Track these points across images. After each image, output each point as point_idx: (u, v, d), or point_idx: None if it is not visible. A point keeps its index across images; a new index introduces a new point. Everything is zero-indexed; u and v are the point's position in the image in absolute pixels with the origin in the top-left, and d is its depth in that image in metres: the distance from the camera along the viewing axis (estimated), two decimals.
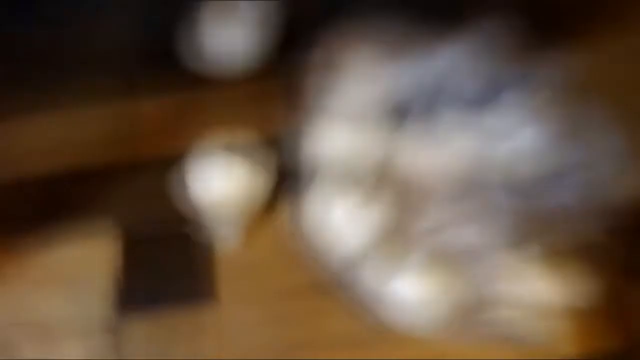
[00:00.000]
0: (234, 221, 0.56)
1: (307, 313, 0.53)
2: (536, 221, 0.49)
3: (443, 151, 0.53)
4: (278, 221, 0.58)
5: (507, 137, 0.52)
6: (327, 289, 0.54)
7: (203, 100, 0.65)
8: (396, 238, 0.51)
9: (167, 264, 0.56)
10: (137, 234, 0.57)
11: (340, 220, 0.52)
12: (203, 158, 0.57)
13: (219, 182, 0.55)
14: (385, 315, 0.51)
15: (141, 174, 0.61)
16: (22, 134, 0.63)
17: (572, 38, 0.64)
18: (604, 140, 0.50)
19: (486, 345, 0.49)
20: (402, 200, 0.52)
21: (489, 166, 0.52)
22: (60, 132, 0.63)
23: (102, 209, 0.59)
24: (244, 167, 0.56)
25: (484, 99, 0.53)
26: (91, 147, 0.62)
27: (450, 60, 0.54)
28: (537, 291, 0.49)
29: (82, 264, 0.55)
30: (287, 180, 0.58)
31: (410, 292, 0.50)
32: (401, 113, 0.55)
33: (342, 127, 0.56)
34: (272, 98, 0.65)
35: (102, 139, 0.63)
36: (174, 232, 0.57)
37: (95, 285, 0.54)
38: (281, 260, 0.56)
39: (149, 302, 0.54)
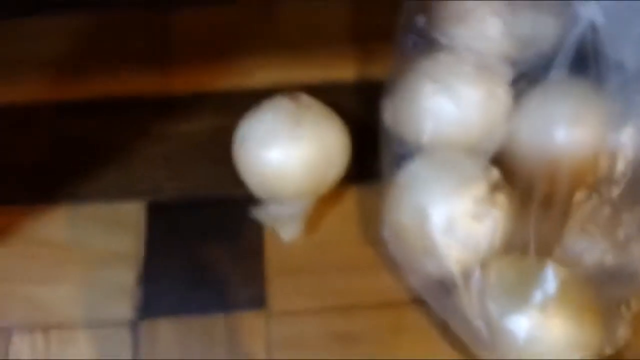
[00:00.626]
0: (300, 200, 0.42)
1: (377, 331, 0.40)
2: None
3: (596, 134, 0.37)
4: (351, 206, 0.44)
5: None
6: (407, 305, 0.40)
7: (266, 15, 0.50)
8: (522, 253, 0.36)
9: (203, 251, 0.43)
10: (168, 208, 0.45)
11: (443, 221, 0.36)
12: (261, 109, 0.42)
13: (282, 145, 0.40)
14: (486, 353, 0.36)
15: (175, 119, 0.47)
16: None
17: None
18: None
19: None
20: (534, 201, 0.36)
21: None
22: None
23: (125, 172, 0.46)
24: (317, 125, 0.41)
25: None
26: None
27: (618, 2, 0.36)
28: None
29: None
30: (371, 152, 0.43)
31: (536, 331, 0.35)
32: (541, 69, 0.38)
33: (461, 80, 0.39)
34: (364, 26, 0.49)
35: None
36: (215, 206, 0.44)
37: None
38: (350, 260, 0.42)
39: (178, 304, 0.42)
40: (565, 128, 0.36)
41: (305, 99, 0.41)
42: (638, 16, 0.35)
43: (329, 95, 0.47)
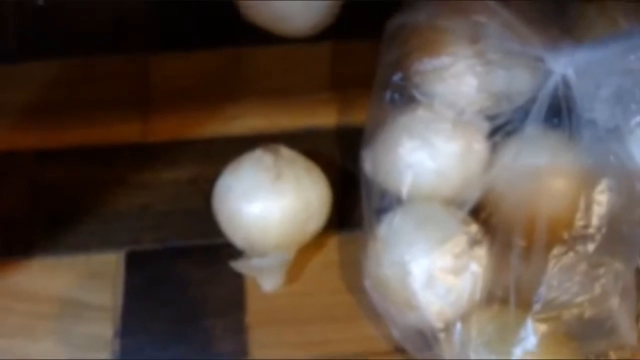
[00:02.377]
0: (281, 252, 0.41)
1: None
2: None
3: (571, 187, 0.37)
4: (333, 254, 0.44)
5: None
6: (388, 355, 0.40)
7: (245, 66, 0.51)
8: (503, 304, 0.36)
9: (183, 303, 0.43)
10: (148, 258, 0.44)
11: (424, 276, 0.37)
12: (241, 163, 0.42)
13: (263, 199, 0.40)
14: None
15: (154, 168, 0.47)
16: None
17: None
18: None
19: None
20: (514, 250, 0.37)
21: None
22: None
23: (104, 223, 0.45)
24: (297, 179, 0.41)
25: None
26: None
27: (589, 57, 0.37)
28: None
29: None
30: (352, 199, 0.44)
31: None
32: (517, 122, 0.39)
33: (439, 136, 0.40)
34: (343, 74, 0.50)
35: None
36: (195, 257, 0.44)
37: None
38: (332, 309, 0.42)
39: (158, 357, 0.41)
40: (539, 181, 0.37)
41: (285, 151, 0.41)
42: (608, 74, 0.36)
43: (309, 142, 0.47)
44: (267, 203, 0.39)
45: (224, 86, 0.51)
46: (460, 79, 0.40)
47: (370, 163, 0.41)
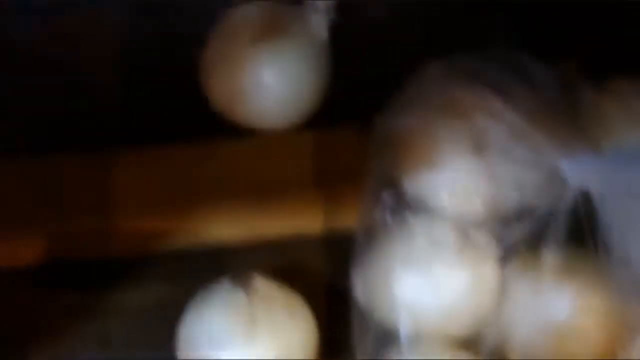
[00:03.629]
0: None
1: None
2: None
3: (607, 321, 0.32)
4: None
5: None
6: None
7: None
8: None
9: None
10: None
11: None
12: (209, 297, 0.36)
13: (235, 347, 0.34)
14: None
15: (115, 290, 0.41)
16: None
17: None
18: None
19: None
20: None
21: None
22: None
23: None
24: (274, 322, 0.34)
25: None
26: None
27: (613, 168, 0.32)
28: None
29: None
30: (341, 322, 0.38)
31: None
32: (532, 243, 0.33)
33: (441, 262, 0.34)
34: (328, 169, 0.45)
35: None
36: None
37: None
38: None
39: None
40: (567, 316, 0.31)
41: (260, 284, 0.35)
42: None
43: (292, 253, 0.42)
44: (239, 352, 0.33)
45: (195, 186, 0.45)
46: (463, 194, 0.34)
47: (362, 289, 0.35)
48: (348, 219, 0.42)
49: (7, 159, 0.45)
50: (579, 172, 0.32)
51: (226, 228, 0.43)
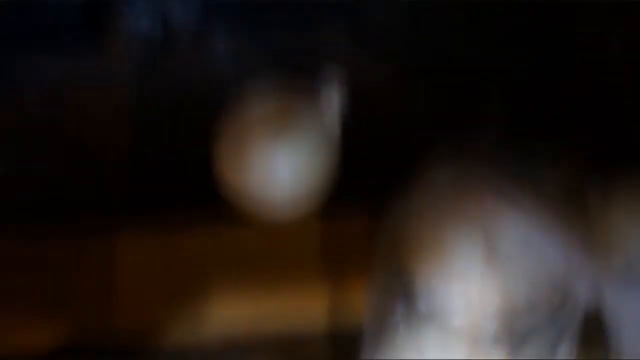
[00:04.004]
0: None
1: None
2: None
3: None
4: None
5: None
6: None
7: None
8: None
9: None
10: None
11: None
12: None
13: None
14: None
15: None
16: None
17: None
18: None
19: None
20: None
21: None
22: None
23: None
24: None
25: None
26: None
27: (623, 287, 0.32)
28: None
29: None
30: None
31: None
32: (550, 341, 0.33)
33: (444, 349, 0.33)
34: (335, 260, 0.44)
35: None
36: None
37: None
38: None
39: None
40: None
41: None
42: None
43: (296, 353, 0.41)
44: None
45: (199, 274, 0.45)
46: (475, 292, 0.34)
47: None
48: (355, 315, 0.41)
49: (10, 241, 0.45)
50: (590, 287, 0.32)
51: (228, 322, 0.42)
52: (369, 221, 0.44)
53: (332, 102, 0.42)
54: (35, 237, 0.45)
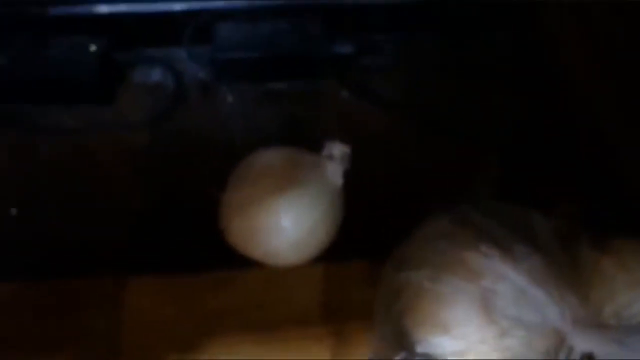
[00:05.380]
0: None
1: None
2: None
3: None
4: None
5: None
6: None
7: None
8: None
9: None
10: None
11: None
12: None
13: None
14: None
15: None
16: None
17: None
18: None
19: None
20: None
21: None
22: None
23: None
24: None
25: None
26: None
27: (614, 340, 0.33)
28: None
29: None
30: None
31: None
32: None
33: None
34: (337, 304, 0.45)
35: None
36: None
37: None
38: None
39: None
40: None
41: None
42: None
43: None
44: None
45: (204, 317, 0.46)
46: (472, 343, 0.36)
47: None
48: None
49: (19, 284, 0.46)
50: (584, 339, 0.34)
51: None
52: (370, 266, 0.45)
53: (338, 159, 0.44)
54: (45, 279, 0.47)
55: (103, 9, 0.55)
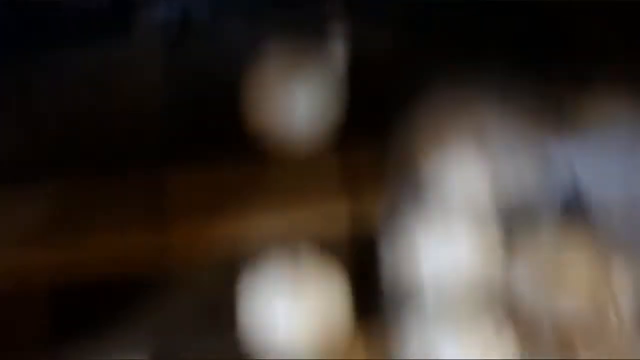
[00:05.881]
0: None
1: None
2: None
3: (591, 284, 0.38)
4: None
5: None
6: None
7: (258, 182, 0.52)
8: None
9: None
10: None
11: None
12: (262, 270, 0.44)
13: (284, 304, 0.41)
14: None
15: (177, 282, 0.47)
16: None
17: None
18: None
19: None
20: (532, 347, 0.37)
21: None
22: None
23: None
24: (318, 284, 0.42)
25: None
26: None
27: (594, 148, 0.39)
28: None
29: None
30: (372, 305, 0.44)
31: None
32: (530, 217, 0.40)
33: (449, 231, 0.41)
34: (356, 182, 0.51)
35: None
36: None
37: None
38: None
39: None
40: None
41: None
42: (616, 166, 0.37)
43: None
44: None
45: (236, 199, 0.51)
46: (469, 173, 0.42)
47: (390, 264, 0.42)
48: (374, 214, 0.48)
49: (76, 179, 0.51)
50: (566, 150, 0.40)
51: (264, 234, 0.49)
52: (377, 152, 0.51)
53: (340, 45, 0.51)
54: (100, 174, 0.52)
55: None
